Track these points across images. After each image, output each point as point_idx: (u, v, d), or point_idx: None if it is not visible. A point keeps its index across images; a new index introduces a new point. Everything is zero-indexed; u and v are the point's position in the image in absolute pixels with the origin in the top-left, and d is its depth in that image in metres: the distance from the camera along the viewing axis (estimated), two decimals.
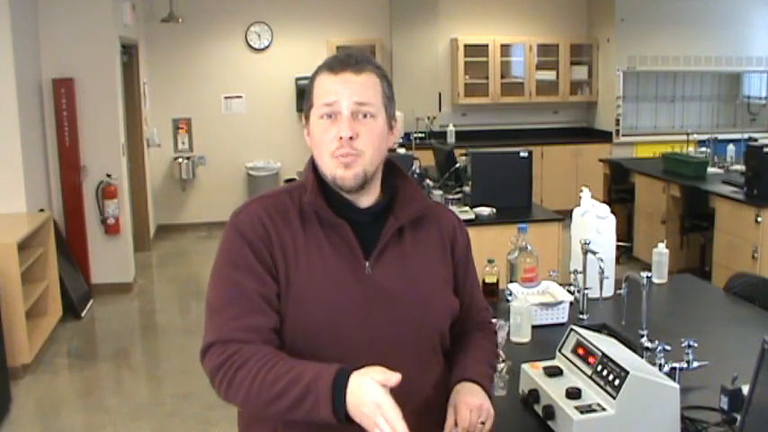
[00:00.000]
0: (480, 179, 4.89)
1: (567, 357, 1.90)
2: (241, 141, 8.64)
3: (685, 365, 2.00)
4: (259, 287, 1.42)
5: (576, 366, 1.84)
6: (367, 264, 1.48)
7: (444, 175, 5.56)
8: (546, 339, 2.36)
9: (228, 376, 1.36)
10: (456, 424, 1.46)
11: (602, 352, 1.78)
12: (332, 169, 1.46)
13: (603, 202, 2.96)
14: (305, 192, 1.51)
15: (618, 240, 2.95)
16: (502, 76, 8.97)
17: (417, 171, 5.45)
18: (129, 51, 7.16)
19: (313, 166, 1.54)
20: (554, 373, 1.86)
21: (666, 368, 1.97)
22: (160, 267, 7.40)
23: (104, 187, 6.04)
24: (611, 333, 2.28)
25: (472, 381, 1.53)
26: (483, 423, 1.48)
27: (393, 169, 1.59)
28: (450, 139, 8.71)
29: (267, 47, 8.61)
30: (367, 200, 1.52)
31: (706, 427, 1.79)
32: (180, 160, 8.45)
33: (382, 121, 1.49)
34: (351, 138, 1.43)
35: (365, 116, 1.46)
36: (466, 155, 5.53)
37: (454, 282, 1.61)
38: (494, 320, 1.93)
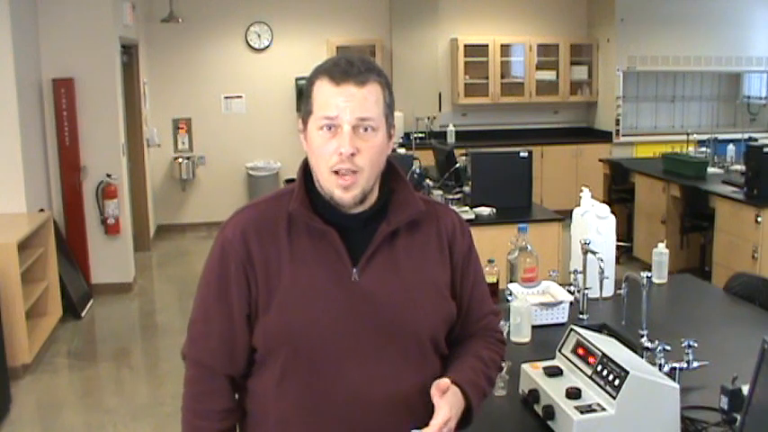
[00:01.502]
0: (480, 179, 4.89)
1: (567, 357, 1.90)
2: (241, 141, 8.64)
3: (685, 365, 2.00)
4: (227, 309, 1.49)
5: (576, 366, 1.84)
6: (354, 270, 1.46)
7: (444, 175, 5.56)
8: (546, 339, 2.36)
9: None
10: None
11: (602, 352, 1.78)
12: (330, 187, 1.44)
13: (603, 202, 2.96)
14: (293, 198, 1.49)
15: (618, 240, 2.95)
16: (502, 76, 8.97)
17: (417, 171, 5.44)
18: (129, 51, 7.16)
19: (303, 170, 1.51)
20: (554, 373, 1.86)
21: (666, 368, 1.97)
22: (160, 267, 7.40)
23: (104, 187, 6.04)
24: (611, 333, 2.27)
25: (457, 385, 1.46)
26: None
27: (391, 171, 1.55)
28: (451, 139, 8.70)
29: (267, 47, 8.61)
30: (360, 206, 1.48)
31: (706, 427, 1.79)
32: (180, 160, 8.45)
33: (383, 133, 1.46)
34: (352, 154, 1.41)
35: (366, 129, 1.42)
36: (466, 155, 5.53)
37: (452, 284, 1.56)
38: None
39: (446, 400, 1.42)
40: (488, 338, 1.62)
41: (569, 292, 2.66)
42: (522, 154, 4.90)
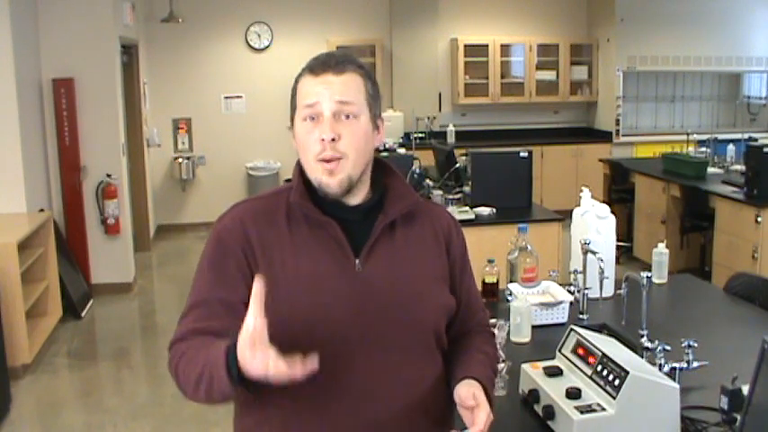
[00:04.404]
0: (480, 179, 4.89)
1: (567, 357, 1.90)
2: (241, 141, 8.64)
3: (685, 365, 2.00)
4: (226, 295, 1.44)
5: (576, 366, 1.84)
6: (357, 261, 1.46)
7: (444, 175, 5.56)
8: (546, 339, 2.36)
9: (173, 372, 1.43)
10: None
11: (602, 352, 1.78)
12: (317, 175, 1.45)
13: (603, 202, 2.96)
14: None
15: (618, 240, 2.95)
16: (502, 76, 8.97)
17: (417, 171, 5.44)
18: (129, 51, 7.16)
19: (300, 167, 1.53)
20: (554, 373, 1.86)
21: (666, 368, 1.97)
22: (160, 267, 7.40)
23: (104, 187, 6.04)
24: (611, 333, 2.27)
25: (477, 381, 1.49)
26: None
27: (382, 167, 1.58)
28: (451, 139, 8.70)
29: (267, 47, 8.61)
30: (355, 199, 1.51)
31: (706, 427, 1.79)
32: (180, 160, 8.45)
33: (366, 120, 1.47)
34: (333, 140, 1.42)
35: (347, 117, 1.44)
36: (466, 155, 5.53)
37: (450, 280, 1.58)
38: (492, 320, 1.93)
39: (483, 400, 1.44)
40: (484, 334, 1.68)
41: (569, 292, 2.66)
42: (522, 154, 4.90)
